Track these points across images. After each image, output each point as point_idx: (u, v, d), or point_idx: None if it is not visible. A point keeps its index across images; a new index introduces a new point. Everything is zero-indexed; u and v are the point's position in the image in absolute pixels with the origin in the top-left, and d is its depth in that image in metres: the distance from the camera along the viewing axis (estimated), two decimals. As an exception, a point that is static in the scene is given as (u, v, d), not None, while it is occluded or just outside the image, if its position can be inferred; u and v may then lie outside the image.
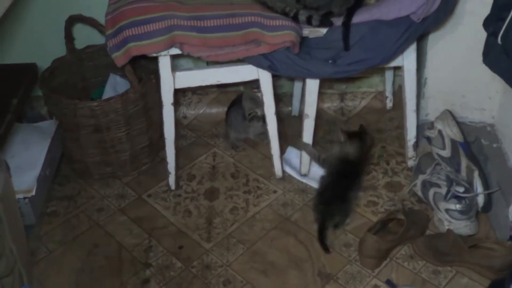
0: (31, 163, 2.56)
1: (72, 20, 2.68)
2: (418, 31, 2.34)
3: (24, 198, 2.42)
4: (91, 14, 2.60)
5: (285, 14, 2.31)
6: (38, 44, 2.88)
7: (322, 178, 2.52)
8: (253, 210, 2.58)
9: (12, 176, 2.20)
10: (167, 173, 2.67)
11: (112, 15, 2.32)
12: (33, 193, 2.45)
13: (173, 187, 2.69)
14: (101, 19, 2.43)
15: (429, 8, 2.25)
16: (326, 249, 2.37)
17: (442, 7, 2.29)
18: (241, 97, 2.83)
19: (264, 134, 2.73)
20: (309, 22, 2.31)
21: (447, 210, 2.38)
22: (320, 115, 2.83)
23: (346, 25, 2.29)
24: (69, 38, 2.75)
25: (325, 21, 2.31)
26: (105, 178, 2.76)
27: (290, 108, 3.07)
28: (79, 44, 2.83)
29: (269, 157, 2.71)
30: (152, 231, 2.51)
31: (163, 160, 2.70)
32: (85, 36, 2.83)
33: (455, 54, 2.60)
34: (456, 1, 2.43)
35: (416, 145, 2.70)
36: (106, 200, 2.67)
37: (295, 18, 2.31)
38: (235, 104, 2.86)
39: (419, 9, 2.23)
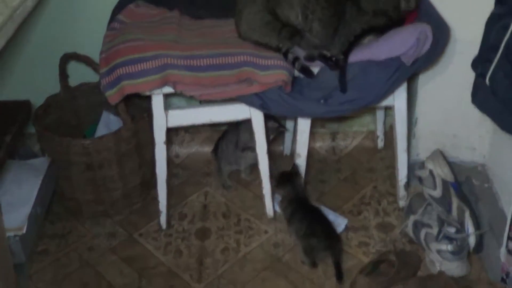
0: (23, 200, 2.54)
1: (67, 58, 2.70)
2: (408, 72, 2.36)
3: (15, 236, 2.39)
4: (85, 52, 2.63)
5: (278, 49, 2.34)
6: (32, 81, 2.90)
7: (298, 230, 2.51)
8: (244, 250, 2.57)
9: (3, 213, 2.18)
10: (158, 212, 2.66)
11: (106, 54, 2.34)
12: (24, 231, 2.42)
13: (164, 226, 2.68)
14: (96, 57, 2.45)
15: (419, 50, 2.27)
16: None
17: (432, 49, 2.30)
18: (232, 128, 2.83)
19: (255, 166, 2.73)
20: (293, 64, 2.34)
21: (438, 251, 2.38)
22: (311, 154, 2.84)
23: (343, 67, 2.31)
24: (63, 75, 2.76)
25: (305, 70, 2.35)
26: (97, 216, 2.74)
27: (282, 147, 3.07)
28: (73, 81, 2.84)
29: (261, 197, 2.71)
30: (143, 271, 2.49)
31: (155, 199, 2.69)
32: (79, 74, 2.84)
33: (446, 94, 2.62)
34: (446, 42, 2.46)
35: (407, 185, 2.71)
36: (97, 239, 2.65)
37: (285, 55, 2.34)
38: (225, 135, 2.86)
39: (409, 50, 2.25)
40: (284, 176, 2.61)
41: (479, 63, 2.00)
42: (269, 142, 2.68)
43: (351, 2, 2.30)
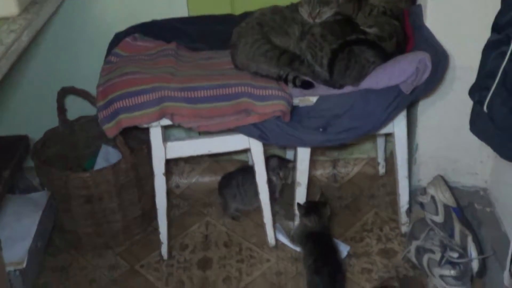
0: (23, 234, 2.53)
1: (64, 92, 2.70)
2: (407, 100, 2.36)
3: (15, 270, 2.38)
4: (83, 86, 2.63)
5: (279, 77, 2.34)
6: (30, 116, 2.90)
7: (306, 263, 2.48)
8: (246, 280, 2.55)
9: (3, 248, 2.18)
10: (159, 243, 2.65)
11: (103, 87, 2.34)
12: (24, 265, 2.41)
13: (165, 257, 2.67)
14: (93, 91, 2.45)
15: (419, 78, 2.26)
16: None
17: (432, 76, 2.30)
18: (242, 169, 2.87)
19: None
20: (294, 82, 2.34)
21: (441, 276, 2.36)
22: (312, 182, 2.83)
23: (335, 53, 2.30)
24: (61, 109, 2.77)
25: (306, 84, 2.33)
26: (97, 248, 2.73)
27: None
28: (72, 115, 2.85)
29: (262, 226, 2.70)
30: (145, 303, 2.48)
31: (156, 230, 2.69)
32: (77, 107, 2.85)
33: (446, 120, 2.61)
34: (445, 69, 2.45)
35: (409, 211, 2.70)
36: (98, 271, 2.64)
37: (286, 80, 2.34)
38: (240, 175, 2.85)
39: (408, 79, 2.25)
40: (312, 207, 2.59)
41: (477, 91, 1.99)
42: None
43: (356, 34, 2.31)
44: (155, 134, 2.43)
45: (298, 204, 2.60)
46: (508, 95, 1.84)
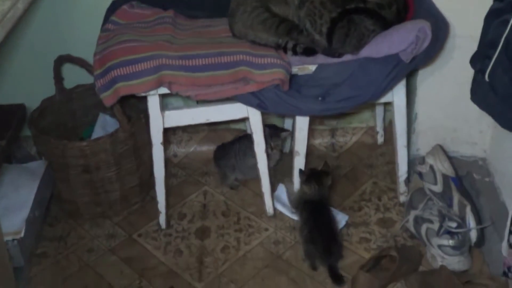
0: (20, 204, 2.53)
1: (61, 60, 2.67)
2: (407, 68, 2.34)
3: (13, 240, 2.39)
4: (80, 54, 2.60)
5: (278, 46, 2.32)
6: (27, 85, 2.88)
7: (302, 232, 2.48)
8: (245, 249, 2.56)
9: (1, 217, 2.18)
10: (157, 212, 2.65)
11: (100, 55, 2.32)
12: (22, 235, 2.42)
13: (163, 226, 2.67)
14: (90, 59, 2.43)
15: (418, 47, 2.24)
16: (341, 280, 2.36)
17: (432, 45, 2.28)
18: (237, 139, 2.86)
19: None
20: (294, 50, 2.32)
21: (440, 246, 2.37)
22: (311, 151, 2.83)
23: (334, 22, 2.27)
24: (58, 78, 2.74)
25: (308, 50, 2.32)
26: (95, 218, 2.73)
27: (281, 147, 3.04)
28: (68, 84, 2.83)
29: (260, 195, 2.70)
30: (143, 272, 2.48)
31: (154, 199, 2.68)
32: (74, 76, 2.82)
33: (445, 89, 2.60)
34: (445, 38, 2.44)
35: (407, 181, 2.69)
36: (96, 240, 2.64)
37: (285, 48, 2.32)
38: (237, 146, 2.84)
39: (408, 47, 2.23)
40: (314, 175, 2.58)
41: (478, 60, 1.97)
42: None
43: (355, 2, 2.28)
44: (153, 103, 2.41)
45: (300, 170, 2.60)
46: (510, 64, 1.83)
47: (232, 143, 2.88)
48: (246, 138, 2.81)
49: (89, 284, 2.44)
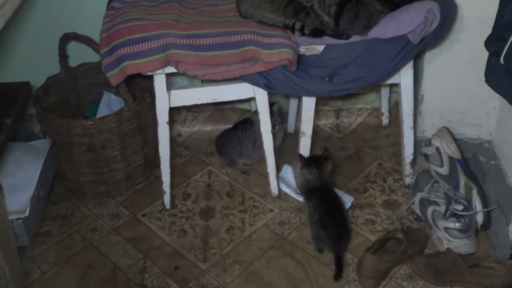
0: (25, 183, 2.52)
1: (66, 38, 2.66)
2: (415, 50, 2.32)
3: (18, 219, 2.37)
4: (85, 32, 2.59)
5: (285, 26, 2.30)
6: (32, 62, 2.87)
7: (310, 216, 2.46)
8: (250, 230, 2.55)
9: (5, 196, 2.17)
10: (162, 192, 2.64)
11: (107, 34, 2.30)
12: (27, 213, 2.40)
13: (168, 206, 2.67)
14: (96, 37, 2.42)
15: (427, 28, 2.23)
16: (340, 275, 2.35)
17: (440, 26, 2.27)
18: (238, 124, 2.86)
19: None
20: (302, 30, 2.30)
21: (446, 229, 2.36)
22: (316, 132, 2.81)
23: (343, 3, 2.25)
24: (63, 56, 2.73)
25: (316, 32, 2.30)
26: (99, 197, 2.73)
27: (285, 126, 3.04)
28: (73, 62, 2.82)
29: (265, 176, 2.69)
30: (147, 252, 2.48)
31: (158, 179, 2.67)
32: (79, 54, 2.81)
33: (452, 71, 2.58)
34: (453, 20, 2.42)
35: (413, 162, 2.69)
36: (100, 219, 2.63)
37: (292, 29, 2.30)
38: (240, 131, 2.83)
39: (416, 28, 2.22)
40: (313, 160, 2.56)
41: (493, 42, 1.95)
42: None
43: None
44: (159, 82, 2.39)
45: (300, 154, 2.58)
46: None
47: (234, 130, 2.87)
48: (246, 123, 2.83)
49: (93, 264, 2.44)
